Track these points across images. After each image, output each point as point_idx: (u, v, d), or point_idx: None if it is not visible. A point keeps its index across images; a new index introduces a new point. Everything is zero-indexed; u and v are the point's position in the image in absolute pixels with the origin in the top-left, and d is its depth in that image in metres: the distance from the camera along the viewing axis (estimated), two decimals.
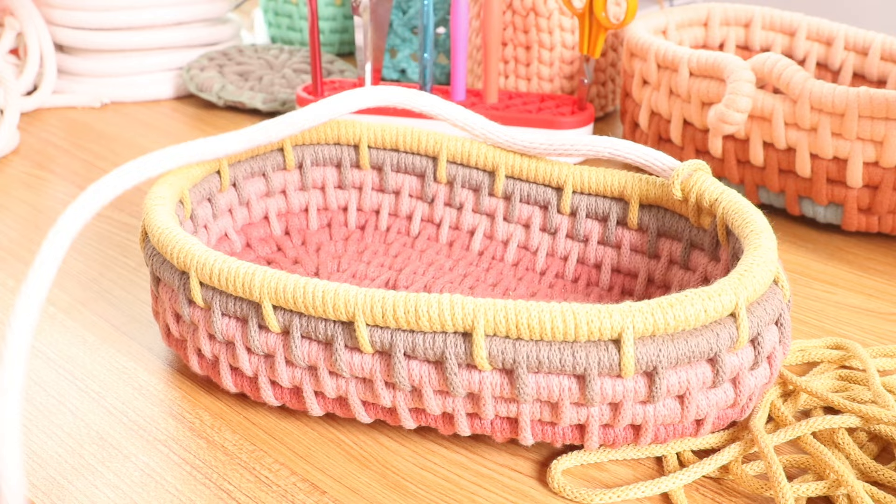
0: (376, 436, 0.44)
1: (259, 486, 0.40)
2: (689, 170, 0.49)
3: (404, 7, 0.98)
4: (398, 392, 0.40)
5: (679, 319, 0.37)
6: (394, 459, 0.42)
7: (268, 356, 0.42)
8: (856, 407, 0.41)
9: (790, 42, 0.82)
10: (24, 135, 0.86)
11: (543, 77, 0.86)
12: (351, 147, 0.60)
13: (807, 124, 0.63)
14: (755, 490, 0.39)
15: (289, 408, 0.45)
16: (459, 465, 0.42)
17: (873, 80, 0.78)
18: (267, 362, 0.42)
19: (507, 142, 0.55)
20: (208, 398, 0.46)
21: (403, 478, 0.41)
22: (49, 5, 0.94)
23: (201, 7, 0.98)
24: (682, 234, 0.51)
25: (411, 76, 1.00)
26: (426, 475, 0.41)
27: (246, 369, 0.43)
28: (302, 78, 0.95)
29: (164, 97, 0.97)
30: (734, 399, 0.39)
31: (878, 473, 0.40)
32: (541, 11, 0.83)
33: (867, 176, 0.62)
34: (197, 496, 0.40)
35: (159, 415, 0.45)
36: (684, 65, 0.69)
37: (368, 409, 0.42)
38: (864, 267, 0.62)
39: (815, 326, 0.54)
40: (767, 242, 0.41)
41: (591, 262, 0.55)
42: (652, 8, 0.93)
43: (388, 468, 0.41)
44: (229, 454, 0.42)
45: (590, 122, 0.77)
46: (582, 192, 0.54)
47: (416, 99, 0.56)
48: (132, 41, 0.95)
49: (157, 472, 0.41)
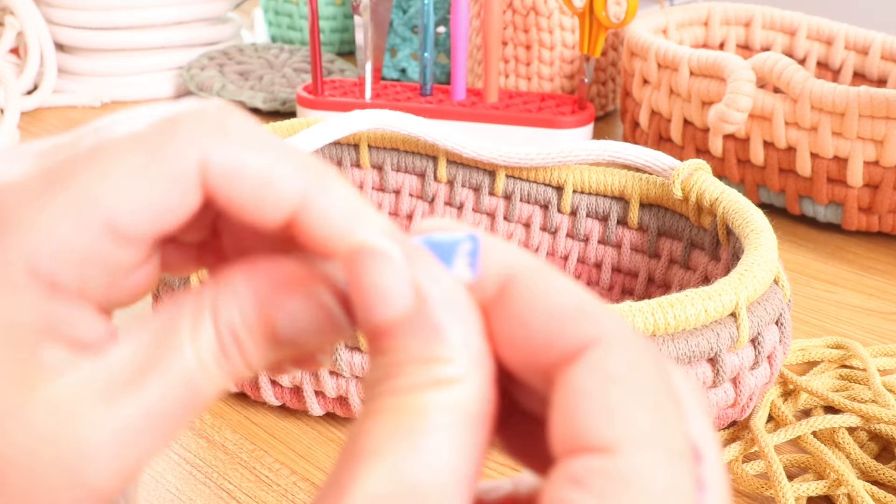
0: None
1: (259, 486, 0.40)
2: (690, 169, 0.49)
3: (404, 6, 0.98)
4: None
5: (679, 319, 0.37)
6: None
7: None
8: (856, 406, 0.41)
9: (790, 41, 0.82)
10: (25, 134, 0.86)
11: (544, 76, 0.86)
12: (351, 147, 0.60)
13: (807, 124, 0.63)
14: (755, 489, 0.39)
15: (289, 407, 0.45)
16: None
17: (874, 80, 0.78)
18: None
19: (501, 158, 0.55)
20: None
21: None
22: (49, 5, 0.94)
23: (201, 6, 0.98)
24: (683, 234, 0.51)
25: (411, 75, 1.00)
26: None
27: None
28: (302, 77, 0.95)
29: (165, 96, 0.97)
30: (734, 398, 0.39)
31: (879, 473, 0.40)
32: (541, 11, 0.83)
33: (867, 175, 0.62)
34: (197, 495, 0.40)
35: None
36: (685, 64, 0.69)
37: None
38: (864, 266, 0.62)
39: (816, 326, 0.54)
40: (768, 242, 0.41)
41: (592, 261, 0.54)
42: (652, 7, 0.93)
43: None
44: (229, 453, 0.42)
45: (590, 121, 0.77)
46: (582, 191, 0.54)
47: (407, 123, 0.56)
48: (132, 41, 0.95)
49: (157, 471, 0.41)
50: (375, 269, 0.17)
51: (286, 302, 0.18)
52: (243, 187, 0.18)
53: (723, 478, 0.17)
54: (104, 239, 0.18)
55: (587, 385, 0.15)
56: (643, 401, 0.15)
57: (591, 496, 0.14)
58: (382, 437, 0.16)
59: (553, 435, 0.16)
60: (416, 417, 0.16)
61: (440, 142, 0.55)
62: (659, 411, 0.15)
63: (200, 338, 0.18)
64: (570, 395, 0.16)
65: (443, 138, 0.55)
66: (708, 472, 0.16)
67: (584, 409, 0.15)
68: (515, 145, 0.55)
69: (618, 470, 0.15)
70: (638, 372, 0.16)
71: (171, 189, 0.18)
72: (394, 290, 0.17)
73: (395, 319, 0.17)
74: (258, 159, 0.19)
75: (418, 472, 0.15)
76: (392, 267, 0.17)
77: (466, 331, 0.17)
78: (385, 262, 0.17)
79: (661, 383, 0.16)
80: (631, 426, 0.15)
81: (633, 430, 0.15)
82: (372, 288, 0.17)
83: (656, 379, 0.16)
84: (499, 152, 0.54)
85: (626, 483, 0.15)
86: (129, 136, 0.19)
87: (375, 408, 0.16)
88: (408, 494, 0.15)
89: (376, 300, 0.17)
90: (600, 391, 0.15)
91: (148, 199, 0.18)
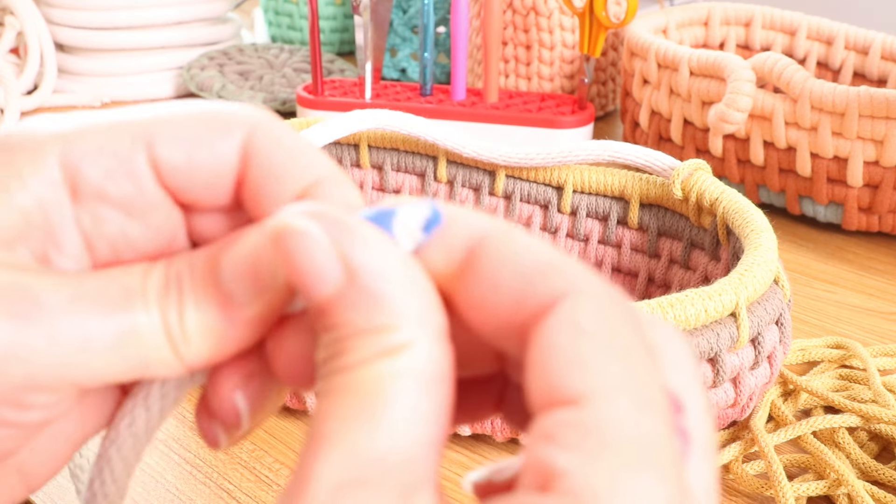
0: None
1: (259, 486, 0.40)
2: (690, 169, 0.49)
3: (405, 6, 0.98)
4: None
5: (679, 319, 0.37)
6: None
7: None
8: (856, 406, 0.41)
9: (790, 41, 0.82)
10: None
11: (544, 76, 0.86)
12: (351, 146, 0.60)
13: (807, 124, 0.63)
14: (755, 489, 0.39)
15: (289, 407, 0.45)
16: (459, 464, 0.42)
17: (874, 80, 0.78)
18: None
19: (501, 158, 0.55)
20: None
21: None
22: (49, 5, 0.94)
23: (201, 6, 0.98)
24: (683, 234, 0.51)
25: (411, 75, 1.00)
26: None
27: None
28: (302, 77, 0.95)
29: (165, 96, 0.97)
30: (734, 398, 0.39)
31: (879, 473, 0.40)
32: (541, 11, 0.83)
33: (867, 175, 0.62)
34: (197, 495, 0.40)
35: None
36: (685, 64, 0.69)
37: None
38: (864, 266, 0.62)
39: (816, 326, 0.54)
40: (768, 242, 0.41)
41: (592, 261, 0.54)
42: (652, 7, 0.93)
43: None
44: (229, 453, 0.42)
45: (590, 121, 0.77)
46: (582, 191, 0.54)
47: (407, 123, 0.56)
48: (132, 41, 0.95)
49: (157, 471, 0.41)
50: (297, 248, 0.16)
51: (229, 251, 0.19)
52: (274, 164, 0.19)
53: (708, 428, 0.16)
54: (137, 151, 0.19)
55: (557, 338, 0.15)
56: (613, 351, 0.15)
57: (564, 450, 0.14)
58: (338, 419, 0.15)
59: (528, 393, 0.15)
60: (369, 392, 0.15)
61: (440, 142, 0.55)
62: (630, 361, 0.15)
63: (150, 275, 0.18)
64: (542, 349, 0.15)
65: (443, 138, 0.55)
66: (691, 423, 0.16)
67: (554, 363, 0.15)
68: (515, 145, 0.55)
69: (589, 421, 0.14)
70: (608, 323, 0.15)
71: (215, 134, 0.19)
72: (320, 267, 0.16)
73: (329, 295, 0.16)
74: (293, 142, 0.20)
75: (380, 450, 0.15)
76: (313, 243, 0.16)
77: (408, 295, 0.16)
78: (305, 239, 0.16)
79: (632, 334, 0.15)
80: (601, 377, 0.15)
81: (603, 381, 0.15)
82: (298, 267, 0.16)
83: (627, 329, 0.15)
84: (499, 152, 0.54)
85: (599, 433, 0.14)
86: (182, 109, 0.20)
87: (328, 388, 0.16)
88: (373, 474, 0.15)
89: (305, 279, 0.16)
90: (570, 343, 0.15)
91: (192, 132, 0.19)
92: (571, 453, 0.14)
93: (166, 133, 0.19)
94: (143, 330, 0.18)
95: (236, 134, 0.19)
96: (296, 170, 0.19)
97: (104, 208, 0.19)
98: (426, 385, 0.16)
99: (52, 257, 0.19)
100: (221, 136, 0.19)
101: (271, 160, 0.19)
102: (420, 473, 0.15)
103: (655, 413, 0.15)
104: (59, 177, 0.19)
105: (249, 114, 0.20)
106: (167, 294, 0.18)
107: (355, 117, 0.55)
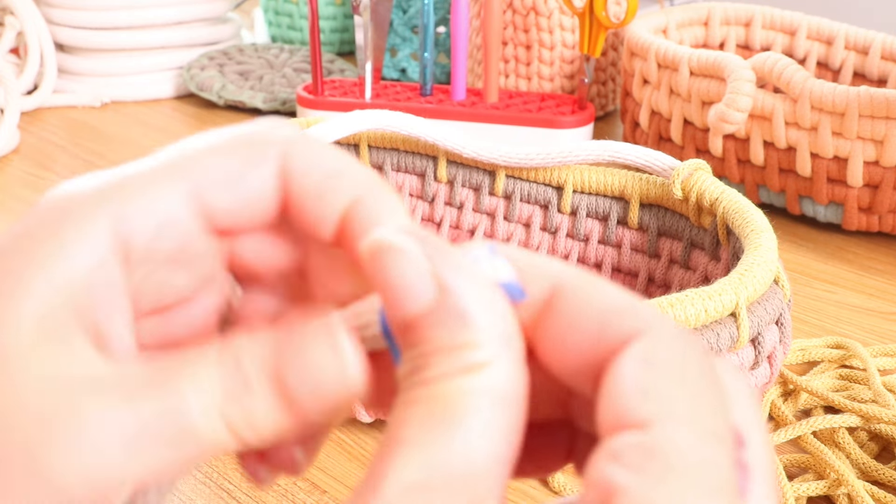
0: (376, 435, 0.44)
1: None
2: (690, 169, 0.49)
3: (405, 6, 0.98)
4: None
5: (679, 319, 0.37)
6: None
7: None
8: (856, 406, 0.41)
9: (790, 41, 0.82)
10: (25, 134, 0.86)
11: (544, 76, 0.86)
12: (351, 147, 0.60)
13: (807, 124, 0.63)
14: None
15: None
16: None
17: (874, 80, 0.78)
18: None
19: (501, 158, 0.55)
20: None
21: None
22: (49, 5, 0.94)
23: (201, 6, 0.98)
24: (683, 234, 0.51)
25: (411, 75, 1.00)
26: None
27: None
28: (302, 77, 0.95)
29: (165, 96, 0.97)
30: None
31: (879, 473, 0.40)
32: (541, 11, 0.83)
33: (867, 175, 0.62)
34: (197, 495, 0.40)
35: None
36: (685, 64, 0.69)
37: (369, 408, 0.42)
38: (864, 266, 0.62)
39: (816, 326, 0.54)
40: (768, 242, 0.41)
41: (592, 261, 0.54)
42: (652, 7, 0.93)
43: None
44: (229, 453, 0.42)
45: (590, 121, 0.77)
46: (582, 191, 0.54)
47: (407, 124, 0.56)
48: (132, 41, 0.95)
49: None
50: (393, 265, 0.17)
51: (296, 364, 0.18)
52: (312, 183, 0.20)
53: (769, 463, 0.17)
54: (184, 205, 0.19)
55: (632, 371, 0.16)
56: (681, 383, 0.16)
57: (627, 469, 0.15)
58: (416, 426, 0.16)
59: (599, 421, 0.16)
60: (448, 404, 0.16)
61: (440, 142, 0.55)
62: (696, 393, 0.16)
63: (211, 373, 0.18)
64: (613, 381, 0.16)
65: (443, 138, 0.55)
66: (752, 457, 0.17)
67: (623, 391, 0.16)
68: (515, 145, 0.55)
69: (653, 444, 0.15)
70: (678, 357, 0.16)
71: (252, 165, 0.19)
72: (414, 284, 0.17)
73: (419, 312, 0.17)
74: (330, 158, 0.20)
75: (453, 459, 0.16)
76: (410, 261, 0.17)
77: (492, 315, 0.17)
78: (402, 256, 0.17)
79: (700, 368, 0.16)
80: (667, 404, 0.15)
81: (670, 408, 0.15)
82: (392, 284, 0.17)
83: (696, 364, 0.16)
84: (499, 152, 0.54)
85: (661, 456, 0.15)
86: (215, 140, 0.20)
87: (408, 399, 0.16)
88: (443, 481, 0.15)
89: (398, 295, 0.17)
90: (640, 374, 0.16)
91: (234, 171, 0.19)
92: (633, 473, 0.15)
93: (208, 179, 0.19)
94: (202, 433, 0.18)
95: (272, 160, 0.20)
96: (336, 188, 0.20)
97: (151, 265, 0.19)
98: (502, 404, 0.16)
99: (104, 328, 0.18)
100: (258, 166, 0.20)
101: (309, 181, 0.20)
102: (489, 487, 0.16)
103: (717, 443, 0.15)
104: (110, 244, 0.18)
105: (281, 134, 0.20)
106: (232, 399, 0.18)
107: (355, 118, 0.55)
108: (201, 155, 0.20)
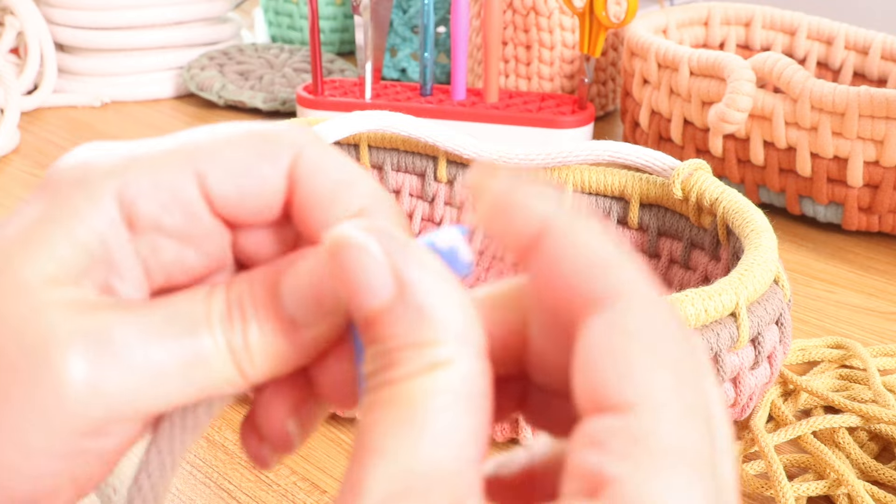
0: None
1: (259, 486, 0.40)
2: (690, 169, 0.49)
3: (405, 6, 0.98)
4: None
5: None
6: None
7: None
8: (856, 406, 0.41)
9: (791, 41, 0.82)
10: (25, 134, 0.86)
11: (544, 76, 0.86)
12: (351, 147, 0.60)
13: (807, 123, 0.63)
14: (755, 489, 0.39)
15: None
16: None
17: (874, 80, 0.78)
18: None
19: (501, 158, 0.54)
20: None
21: None
22: (49, 5, 0.94)
23: (201, 6, 0.98)
24: (683, 234, 0.51)
25: (412, 75, 1.00)
26: None
27: None
28: (302, 77, 0.95)
29: (165, 96, 0.97)
30: (734, 398, 0.39)
31: (879, 473, 0.40)
32: (541, 10, 0.83)
33: (867, 175, 0.62)
34: (197, 495, 0.40)
35: None
36: (685, 64, 0.69)
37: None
38: (864, 266, 0.62)
39: (816, 326, 0.54)
40: (768, 242, 0.41)
41: None
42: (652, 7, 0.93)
43: None
44: (229, 453, 0.42)
45: (590, 121, 0.77)
46: (582, 191, 0.54)
47: (407, 125, 0.56)
48: (132, 40, 0.95)
49: None
50: (352, 261, 0.17)
51: (291, 274, 0.19)
52: (321, 190, 0.20)
53: (730, 441, 0.17)
54: (190, 183, 0.19)
55: (607, 342, 0.16)
56: (663, 360, 0.15)
57: (613, 458, 0.15)
58: (384, 432, 0.16)
59: (575, 392, 0.16)
60: (414, 406, 0.16)
61: (441, 143, 0.55)
62: (678, 371, 0.15)
63: (212, 301, 0.19)
64: (591, 351, 0.16)
65: (443, 140, 0.55)
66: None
67: (602, 367, 0.15)
68: (515, 145, 0.55)
69: (638, 429, 0.15)
70: (658, 330, 0.16)
71: (262, 160, 0.20)
72: (373, 279, 0.17)
73: (379, 307, 0.17)
74: (342, 167, 0.20)
75: (425, 462, 0.16)
76: (368, 256, 0.17)
77: (453, 311, 0.17)
78: (360, 252, 0.17)
79: (681, 342, 0.16)
80: (650, 385, 0.15)
81: (652, 390, 0.15)
82: (351, 279, 0.17)
83: (676, 338, 0.16)
84: (499, 152, 0.54)
85: (648, 442, 0.15)
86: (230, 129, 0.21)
87: (375, 400, 0.16)
88: (419, 484, 0.15)
89: (357, 290, 0.17)
90: (620, 349, 0.15)
91: (243, 162, 0.20)
92: (621, 461, 0.15)
93: (216, 164, 0.20)
94: (210, 355, 0.19)
95: (283, 159, 0.20)
96: (344, 197, 0.20)
97: (161, 238, 0.20)
98: (468, 401, 0.16)
99: (115, 286, 0.19)
100: (269, 161, 0.20)
101: (316, 188, 0.20)
102: (466, 485, 0.16)
103: (700, 421, 0.15)
104: (117, 213, 0.19)
105: (295, 135, 0.20)
106: (231, 318, 0.19)
107: (355, 119, 0.55)
108: (214, 140, 0.20)
